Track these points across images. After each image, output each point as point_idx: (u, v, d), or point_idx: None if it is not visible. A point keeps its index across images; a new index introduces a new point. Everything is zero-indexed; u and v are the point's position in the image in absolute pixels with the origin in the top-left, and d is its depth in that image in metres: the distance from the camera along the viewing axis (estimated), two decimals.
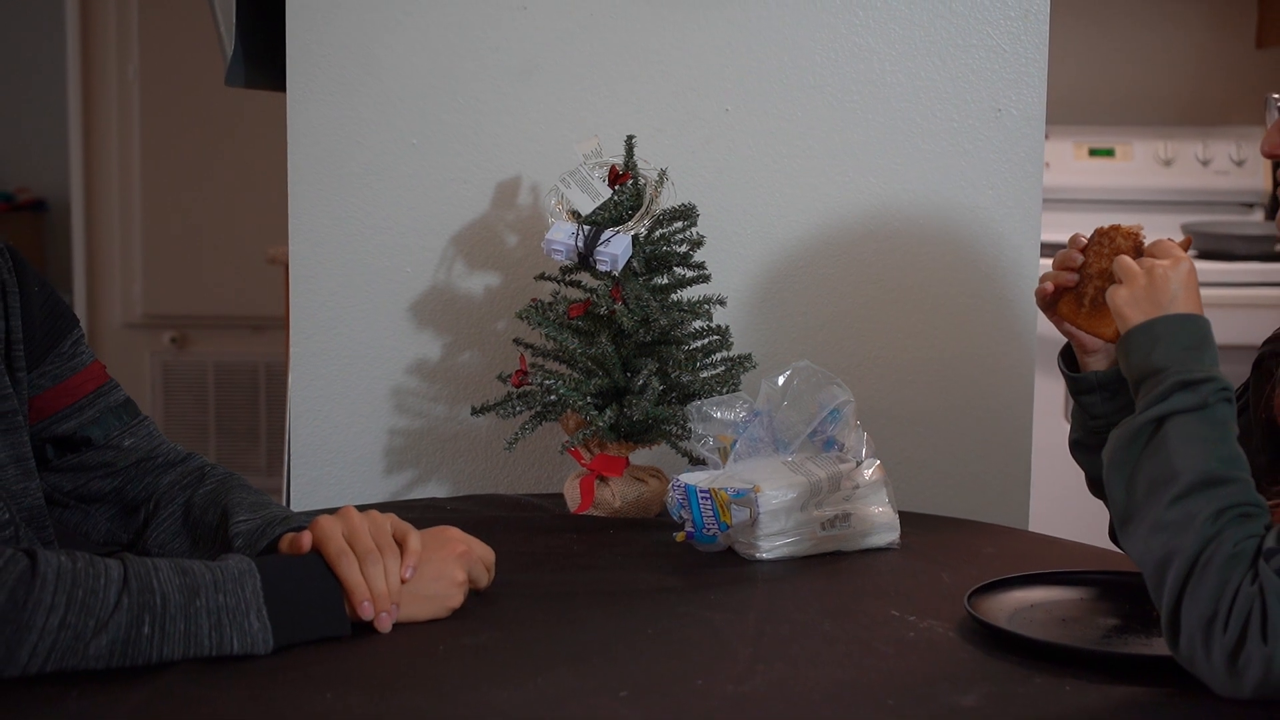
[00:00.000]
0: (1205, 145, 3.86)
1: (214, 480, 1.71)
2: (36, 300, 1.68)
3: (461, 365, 2.23)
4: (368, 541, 1.49)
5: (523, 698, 1.34)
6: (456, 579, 1.55)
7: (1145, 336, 1.47)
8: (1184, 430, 1.40)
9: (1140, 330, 1.48)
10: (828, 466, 1.82)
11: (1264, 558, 1.31)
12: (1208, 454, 1.38)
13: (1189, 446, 1.39)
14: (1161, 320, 1.47)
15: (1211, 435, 1.39)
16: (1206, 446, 1.39)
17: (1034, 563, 1.74)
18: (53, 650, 1.33)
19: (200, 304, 5.12)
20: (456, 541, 1.57)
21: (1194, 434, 1.39)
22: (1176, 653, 1.35)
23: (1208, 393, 1.41)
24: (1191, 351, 1.45)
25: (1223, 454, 1.39)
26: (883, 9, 2.16)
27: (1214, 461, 1.38)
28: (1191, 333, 1.47)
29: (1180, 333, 1.46)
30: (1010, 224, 2.18)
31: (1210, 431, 1.40)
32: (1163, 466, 1.39)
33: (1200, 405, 1.40)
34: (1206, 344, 1.47)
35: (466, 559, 1.57)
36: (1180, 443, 1.39)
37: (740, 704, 1.34)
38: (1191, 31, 3.96)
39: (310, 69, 2.18)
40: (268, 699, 1.33)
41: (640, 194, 1.97)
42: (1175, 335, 1.46)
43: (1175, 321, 1.47)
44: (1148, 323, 1.48)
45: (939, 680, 1.40)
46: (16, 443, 1.62)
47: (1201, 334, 1.47)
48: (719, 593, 1.66)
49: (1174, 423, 1.40)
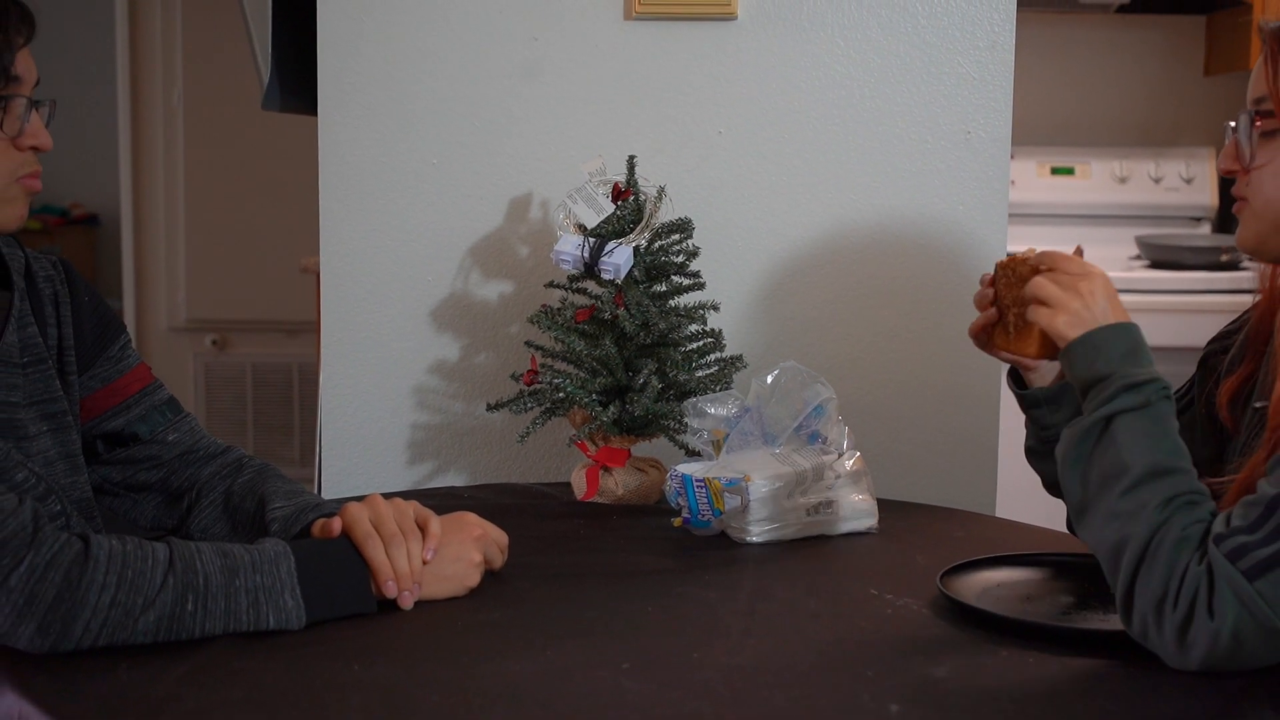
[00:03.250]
0: (1157, 164, 3.86)
1: (251, 470, 1.71)
2: (86, 309, 1.68)
3: (478, 365, 2.23)
4: (392, 526, 1.50)
5: (534, 669, 1.34)
6: (474, 560, 1.55)
7: (1086, 348, 1.47)
8: (1130, 427, 1.40)
9: (1080, 343, 1.48)
10: (812, 458, 1.82)
11: (1213, 541, 1.31)
12: (1154, 448, 1.39)
13: (1136, 442, 1.39)
14: (1099, 331, 1.47)
15: (1155, 430, 1.40)
16: (1152, 441, 1.39)
17: (1000, 546, 1.73)
18: (104, 625, 1.34)
19: (239, 309, 5.12)
20: (473, 526, 1.58)
21: (1140, 430, 1.40)
22: (1130, 629, 1.36)
23: (1149, 392, 1.41)
24: (1130, 356, 1.45)
25: (1167, 447, 1.39)
26: (862, 40, 2.16)
27: (1160, 454, 1.38)
28: (1126, 339, 1.47)
29: (1116, 341, 1.46)
30: (979, 236, 2.18)
31: (1154, 427, 1.40)
32: (1113, 461, 1.39)
33: (1144, 404, 1.41)
34: (1141, 348, 1.47)
35: (482, 542, 1.57)
36: (1128, 439, 1.39)
37: (733, 674, 1.34)
38: (1145, 61, 3.96)
39: (340, 95, 2.18)
40: (301, 670, 1.34)
41: (641, 209, 1.97)
42: (1113, 344, 1.46)
43: (1111, 331, 1.47)
44: (1086, 334, 1.47)
45: (914, 652, 1.40)
46: (66, 441, 1.62)
47: (1135, 339, 1.47)
48: (713, 573, 1.66)
49: (1121, 421, 1.40)
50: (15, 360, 1.58)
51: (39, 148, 1.56)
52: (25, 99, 1.54)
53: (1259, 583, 1.28)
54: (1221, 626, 1.28)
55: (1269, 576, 1.28)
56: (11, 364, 1.57)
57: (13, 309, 1.60)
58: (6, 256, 1.62)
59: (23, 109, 1.54)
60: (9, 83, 1.52)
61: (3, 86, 1.51)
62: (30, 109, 1.54)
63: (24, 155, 1.55)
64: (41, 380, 1.60)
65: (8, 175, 1.54)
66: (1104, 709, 1.27)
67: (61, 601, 1.33)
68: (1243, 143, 1.50)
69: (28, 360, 1.59)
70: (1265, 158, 1.49)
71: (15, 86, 1.53)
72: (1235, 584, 1.28)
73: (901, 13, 2.15)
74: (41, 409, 1.60)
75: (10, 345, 1.58)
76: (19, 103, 1.53)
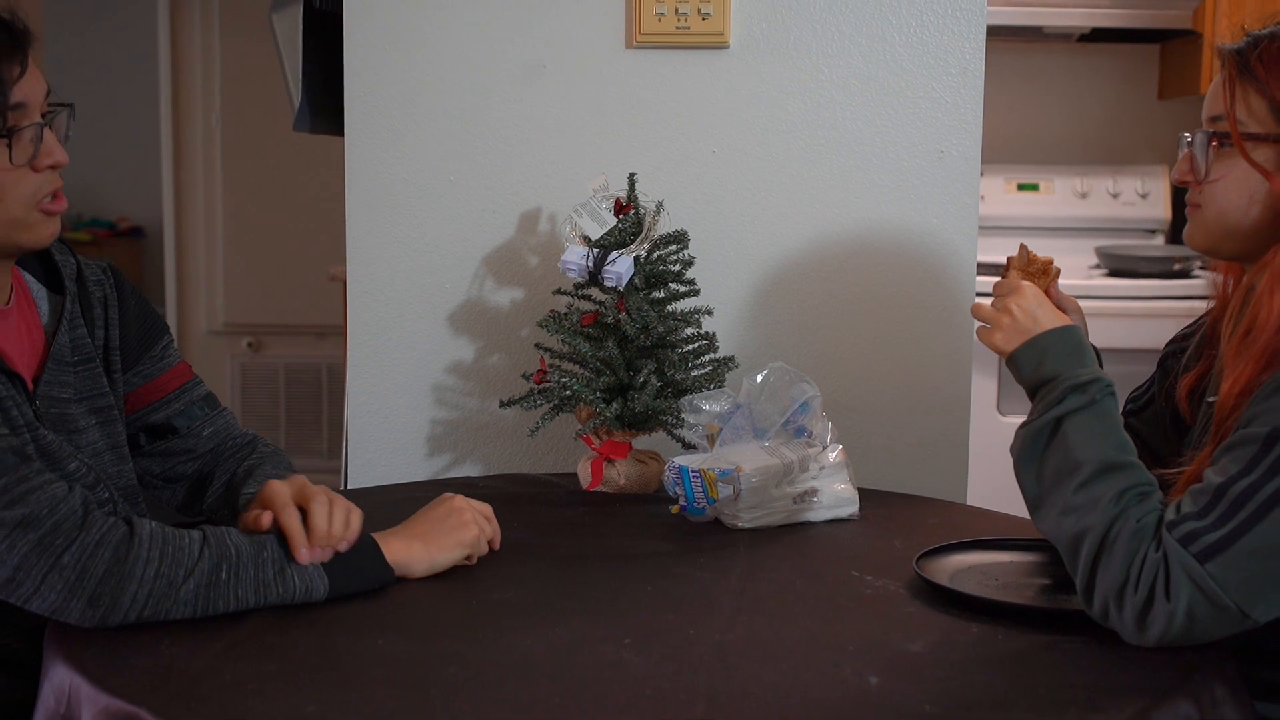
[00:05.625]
0: (1115, 181, 3.86)
1: (257, 456, 1.70)
2: (132, 312, 1.69)
3: (491, 366, 2.23)
4: (314, 490, 1.48)
5: (542, 644, 1.34)
6: (464, 519, 1.56)
7: (1031, 352, 1.46)
8: (1080, 426, 1.39)
9: (1024, 349, 1.46)
10: (798, 450, 1.82)
11: (1166, 529, 1.31)
12: (1102, 444, 1.38)
13: (1086, 440, 1.38)
14: (1042, 337, 1.46)
15: (1102, 428, 1.39)
16: (1100, 438, 1.38)
17: (971, 531, 1.73)
18: (150, 596, 1.34)
19: (272, 314, 5.12)
20: (454, 498, 1.60)
21: (1088, 428, 1.39)
22: (1091, 612, 1.36)
23: (1095, 391, 1.40)
24: (1073, 356, 1.44)
25: (1114, 443, 1.38)
26: (844, 66, 2.16)
27: (1109, 450, 1.37)
28: (1069, 342, 1.46)
29: (1059, 344, 1.45)
30: (952, 246, 2.18)
31: (1101, 424, 1.39)
32: (1065, 459, 1.38)
33: (1090, 403, 1.40)
34: (1083, 348, 1.46)
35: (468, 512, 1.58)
36: (1078, 437, 1.38)
37: (725, 649, 1.34)
38: (1103, 86, 3.96)
39: (365, 118, 2.18)
40: (328, 645, 1.34)
41: (641, 222, 1.97)
42: (1056, 346, 1.45)
43: (1053, 335, 1.46)
44: (1030, 340, 1.46)
45: (892, 630, 1.40)
46: (113, 433, 1.63)
47: (1077, 340, 1.46)
48: (707, 556, 1.66)
49: (1071, 421, 1.40)
50: (67, 359, 1.58)
51: (56, 164, 1.50)
52: (35, 124, 1.47)
53: (1209, 565, 1.28)
54: (1177, 607, 1.28)
55: (1218, 559, 1.28)
56: (64, 363, 1.58)
57: (64, 312, 1.60)
58: (59, 263, 1.62)
59: (32, 135, 1.47)
60: (11, 113, 1.44)
61: (4, 122, 1.44)
62: (41, 130, 1.47)
63: (43, 175, 1.49)
64: (90, 377, 1.61)
65: (28, 199, 1.48)
66: (1067, 681, 1.27)
67: (111, 575, 1.33)
68: (1199, 157, 1.49)
69: (78, 359, 1.60)
70: (1220, 172, 1.48)
71: (19, 116, 1.45)
72: (1188, 567, 1.28)
73: (880, 42, 2.15)
74: (90, 404, 1.60)
75: (63, 345, 1.58)
76: (27, 131, 1.46)
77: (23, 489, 1.34)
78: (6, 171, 1.46)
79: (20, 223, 1.49)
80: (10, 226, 1.49)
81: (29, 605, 1.34)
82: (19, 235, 1.50)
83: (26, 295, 1.60)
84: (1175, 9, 3.59)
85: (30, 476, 1.36)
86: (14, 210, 1.48)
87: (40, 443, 1.49)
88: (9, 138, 1.45)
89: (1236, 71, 1.45)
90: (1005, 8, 3.53)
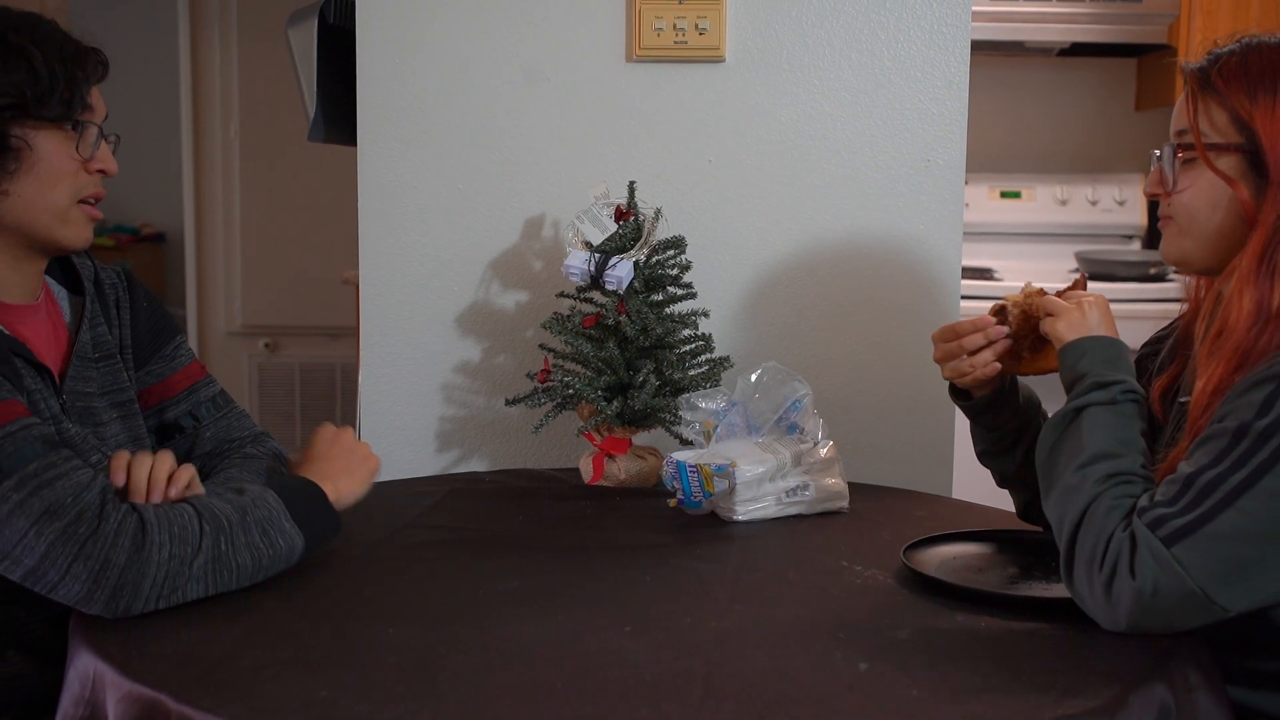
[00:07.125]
0: (1094, 189, 3.86)
1: (241, 455, 1.67)
2: (144, 314, 1.69)
3: (497, 365, 2.23)
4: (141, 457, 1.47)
5: (546, 631, 1.34)
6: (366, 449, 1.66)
7: (1075, 351, 1.51)
8: (1094, 418, 1.43)
9: (1071, 346, 1.52)
10: (791, 446, 1.81)
11: (1136, 514, 1.33)
12: (1109, 436, 1.42)
13: (1096, 430, 1.42)
14: (1087, 339, 1.51)
15: (1116, 423, 1.43)
16: (1109, 431, 1.42)
17: (956, 524, 1.74)
18: (167, 577, 1.35)
19: (288, 316, 5.12)
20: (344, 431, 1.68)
21: (1101, 421, 1.43)
22: (1071, 588, 1.36)
23: (1116, 391, 1.45)
24: (1109, 362, 1.49)
25: (1121, 437, 1.42)
26: (835, 79, 2.16)
27: (1112, 442, 1.41)
28: (1109, 349, 1.50)
29: (1100, 349, 1.50)
30: (937, 252, 2.18)
31: (1115, 420, 1.43)
32: (1074, 444, 1.42)
33: (1110, 401, 1.44)
34: (1122, 358, 1.51)
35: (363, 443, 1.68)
36: (1090, 426, 1.42)
37: (721, 636, 1.34)
38: (1083, 98, 3.96)
39: (377, 128, 2.18)
40: (342, 632, 1.34)
41: (640, 228, 1.97)
42: (1096, 350, 1.50)
43: (1097, 340, 1.51)
44: (1077, 340, 1.52)
45: (880, 617, 1.40)
46: (133, 426, 1.63)
47: (1118, 351, 1.51)
48: (704, 547, 1.66)
49: (1088, 413, 1.44)
50: (89, 356, 1.59)
51: (105, 172, 1.56)
52: (97, 126, 1.55)
53: (1175, 548, 1.29)
54: (1142, 585, 1.29)
55: (1184, 543, 1.29)
56: (87, 359, 1.59)
57: (85, 310, 1.61)
58: (78, 265, 1.64)
59: (95, 136, 1.55)
60: (84, 110, 1.53)
61: (79, 113, 1.52)
62: (101, 136, 1.56)
63: (91, 178, 1.56)
64: (111, 372, 1.62)
65: (73, 194, 1.54)
66: (1048, 666, 1.27)
67: (133, 564, 1.33)
68: (1166, 170, 1.51)
69: (99, 356, 1.61)
70: (1187, 183, 1.50)
71: (89, 114, 1.54)
72: (1153, 548, 1.29)
73: (869, 56, 2.15)
74: (112, 398, 1.61)
75: (85, 343, 1.59)
76: (92, 130, 1.54)
77: (50, 474, 1.35)
78: (66, 160, 1.52)
79: (63, 214, 1.53)
80: (54, 217, 1.53)
81: (54, 594, 1.34)
82: (59, 230, 1.53)
83: (50, 295, 1.61)
84: (1151, 25, 3.59)
85: (59, 463, 1.36)
86: (60, 198, 1.52)
87: (65, 435, 1.49)
88: (79, 130, 1.53)
89: (1198, 87, 1.47)
90: (989, 24, 3.53)
